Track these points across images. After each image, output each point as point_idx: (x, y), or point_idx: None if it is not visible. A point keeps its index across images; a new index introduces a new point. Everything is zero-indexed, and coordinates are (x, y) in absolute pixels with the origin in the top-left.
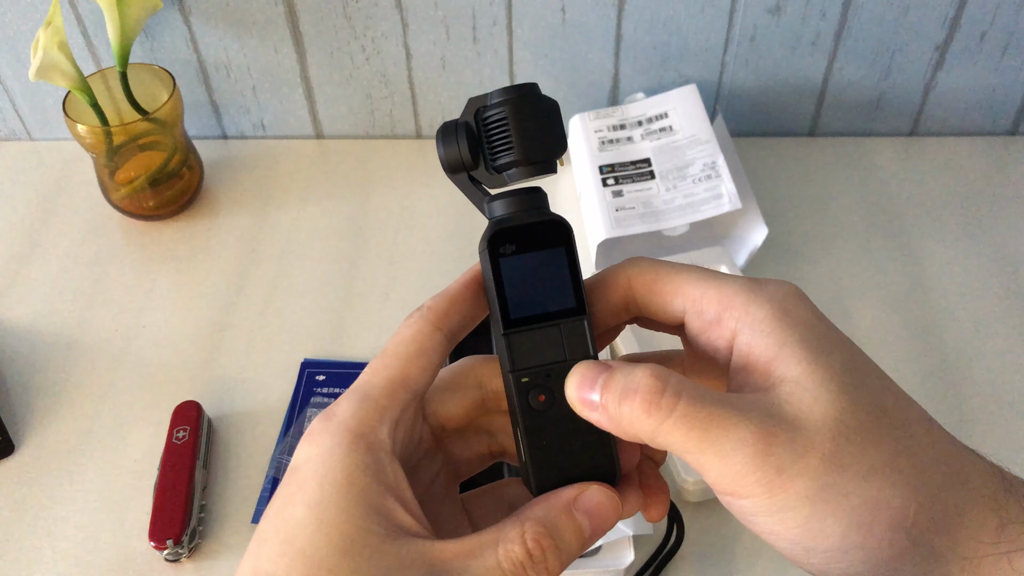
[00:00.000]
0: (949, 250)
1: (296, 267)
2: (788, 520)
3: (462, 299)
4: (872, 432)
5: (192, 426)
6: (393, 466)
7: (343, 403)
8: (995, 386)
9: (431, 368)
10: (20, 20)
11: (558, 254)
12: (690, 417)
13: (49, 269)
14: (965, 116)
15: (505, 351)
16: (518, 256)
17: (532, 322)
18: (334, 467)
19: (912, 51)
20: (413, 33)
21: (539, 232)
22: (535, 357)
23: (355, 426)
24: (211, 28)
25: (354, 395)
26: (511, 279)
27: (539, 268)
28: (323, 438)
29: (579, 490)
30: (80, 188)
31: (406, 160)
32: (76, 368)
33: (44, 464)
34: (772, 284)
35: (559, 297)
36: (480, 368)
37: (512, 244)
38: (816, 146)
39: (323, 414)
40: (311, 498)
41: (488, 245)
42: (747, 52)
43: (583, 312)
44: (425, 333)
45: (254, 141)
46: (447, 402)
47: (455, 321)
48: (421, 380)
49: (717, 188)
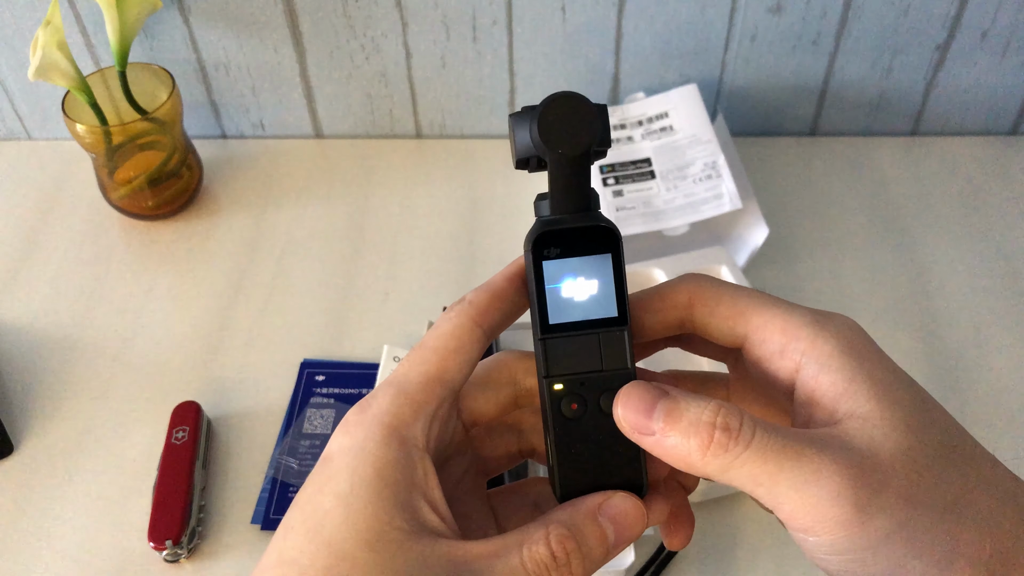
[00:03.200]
0: (950, 250)
1: (295, 267)
2: (867, 559)
3: (504, 295)
4: (944, 469)
5: (191, 426)
6: (424, 463)
7: (379, 395)
8: (996, 386)
9: (468, 364)
10: (19, 19)
11: (603, 261)
12: (765, 449)
13: (48, 269)
14: (966, 116)
15: (541, 356)
16: (562, 260)
17: (570, 329)
18: (365, 460)
19: (913, 51)
20: (413, 32)
21: (586, 237)
22: (570, 364)
23: (389, 420)
24: (210, 28)
25: (390, 388)
26: (553, 283)
27: (583, 274)
28: (357, 430)
29: (605, 497)
30: (79, 188)
31: (406, 160)
32: (75, 368)
33: (43, 464)
34: (838, 318)
35: (601, 305)
36: (515, 364)
37: (557, 247)
38: (817, 146)
39: (359, 405)
40: (340, 489)
41: (532, 246)
42: (748, 51)
43: (624, 323)
44: (465, 328)
45: (253, 141)
46: (480, 398)
47: (495, 318)
48: (458, 376)
49: (717, 188)
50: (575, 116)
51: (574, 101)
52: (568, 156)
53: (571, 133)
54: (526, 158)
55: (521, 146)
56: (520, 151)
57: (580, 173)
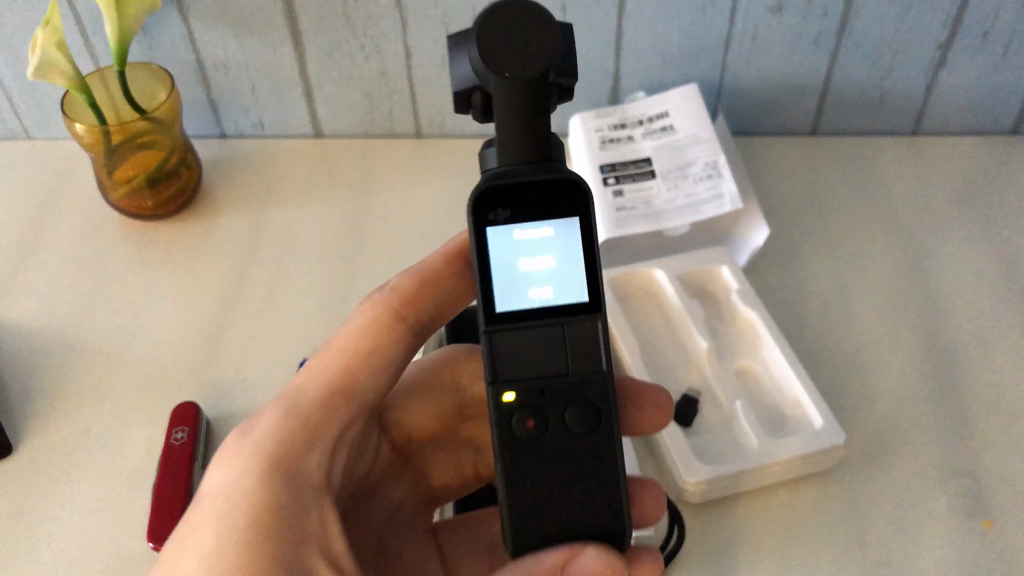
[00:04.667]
0: (951, 249)
1: (295, 267)
2: None
3: (438, 279)
4: None
5: (190, 427)
6: (321, 506)
7: (264, 414)
8: (998, 386)
9: (388, 372)
10: (18, 19)
11: (569, 227)
12: None
13: (47, 269)
14: (967, 115)
15: (486, 354)
16: (513, 225)
17: (526, 318)
18: (238, 505)
19: (914, 50)
20: (413, 32)
21: (545, 194)
22: (525, 366)
23: (273, 449)
24: (210, 27)
25: (279, 405)
26: (501, 256)
27: (541, 244)
28: (233, 461)
29: (571, 554)
30: (78, 188)
31: (406, 159)
32: (74, 368)
33: (42, 465)
34: None
35: (566, 287)
36: (460, 363)
37: (505, 208)
38: (818, 145)
39: (242, 425)
40: (205, 547)
41: (473, 207)
42: (748, 51)
43: (597, 310)
44: (383, 324)
45: (253, 140)
46: (413, 408)
47: (426, 309)
48: (372, 388)
49: (718, 188)
50: (526, 29)
51: (523, 9)
52: (517, 81)
53: (521, 51)
54: (466, 92)
55: (459, 76)
56: (458, 81)
57: (535, 108)
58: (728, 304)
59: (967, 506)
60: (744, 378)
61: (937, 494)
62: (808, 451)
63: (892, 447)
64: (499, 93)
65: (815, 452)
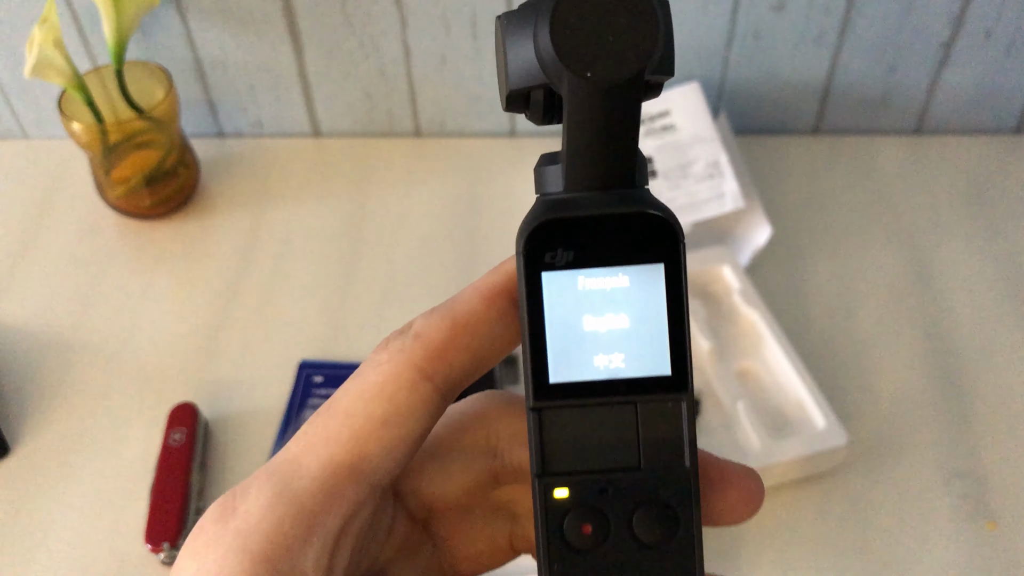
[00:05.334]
0: (954, 248)
1: (293, 267)
2: None
3: (475, 325)
4: None
5: (188, 428)
6: None
7: (252, 493)
8: (1001, 387)
9: (408, 443)
10: (15, 17)
11: (650, 277)
12: None
13: (44, 269)
14: (970, 114)
15: (534, 438)
16: (577, 271)
17: (588, 393)
18: None
19: (917, 48)
20: (412, 30)
21: (622, 232)
22: (584, 456)
23: (260, 544)
24: (208, 25)
25: (271, 482)
26: (559, 311)
27: (613, 298)
28: (211, 552)
29: None
30: (75, 187)
31: (405, 158)
32: (71, 369)
33: (39, 466)
34: None
35: (642, 354)
36: (496, 417)
37: (569, 249)
38: (820, 144)
39: (220, 505)
40: None
41: (526, 244)
42: (750, 49)
43: (683, 388)
44: (403, 383)
45: (251, 139)
46: (437, 475)
47: (459, 363)
48: (387, 465)
49: (720, 187)
50: (617, 13)
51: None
52: (604, 84)
53: (609, 44)
54: (525, 90)
55: (518, 68)
56: (517, 77)
57: (622, 118)
58: (730, 304)
59: (970, 508)
60: (746, 379)
61: (940, 496)
62: (810, 452)
63: (895, 448)
64: (575, 97)
65: (817, 453)
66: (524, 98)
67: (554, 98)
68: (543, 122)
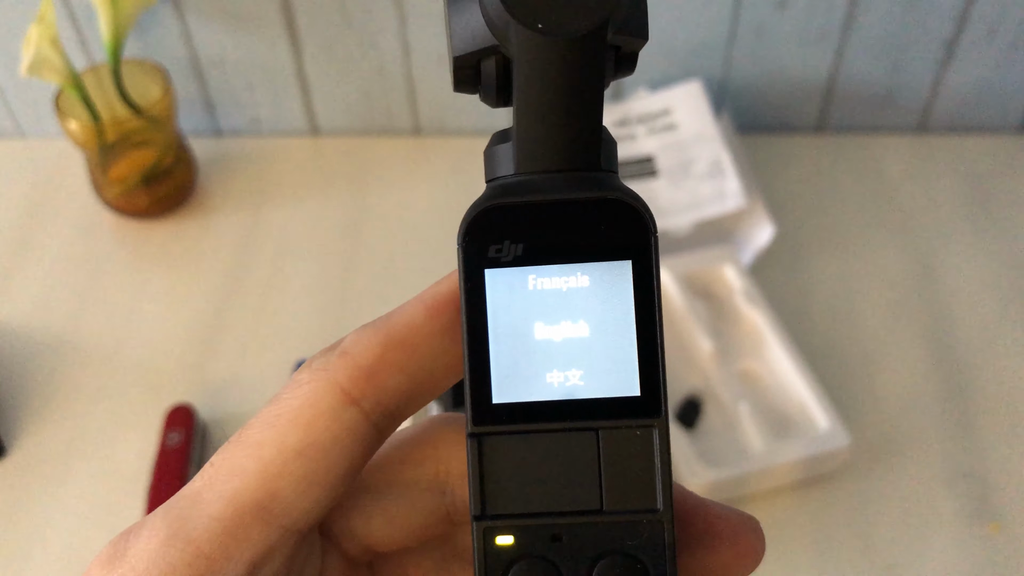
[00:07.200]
0: (958, 248)
1: (291, 266)
2: None
3: (414, 341)
4: None
5: (185, 430)
6: None
7: (145, 532)
8: (1005, 388)
9: (330, 480)
10: (11, 15)
11: (615, 277)
12: None
13: (40, 269)
14: (974, 112)
15: (474, 471)
16: (527, 268)
17: (538, 416)
18: None
19: (920, 46)
20: (411, 27)
21: (581, 222)
22: (533, 495)
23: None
24: (205, 23)
25: (166, 520)
26: (505, 316)
27: (570, 301)
28: None
29: None
30: (72, 186)
31: (404, 157)
32: (67, 370)
33: (35, 468)
34: None
35: (605, 370)
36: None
37: (517, 241)
38: (823, 142)
39: (115, 543)
40: None
41: (465, 237)
42: (753, 47)
43: (656, 412)
44: (323, 408)
45: (249, 138)
46: (377, 515)
47: (392, 386)
48: (303, 505)
49: (722, 186)
50: None
51: None
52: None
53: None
54: (473, 58)
55: (464, 32)
56: (461, 41)
57: (581, 82)
58: (732, 304)
59: (974, 509)
60: (748, 379)
61: (943, 497)
62: (813, 454)
63: (898, 450)
64: (525, 56)
65: (820, 455)
66: (474, 70)
67: (507, 68)
68: (498, 102)
